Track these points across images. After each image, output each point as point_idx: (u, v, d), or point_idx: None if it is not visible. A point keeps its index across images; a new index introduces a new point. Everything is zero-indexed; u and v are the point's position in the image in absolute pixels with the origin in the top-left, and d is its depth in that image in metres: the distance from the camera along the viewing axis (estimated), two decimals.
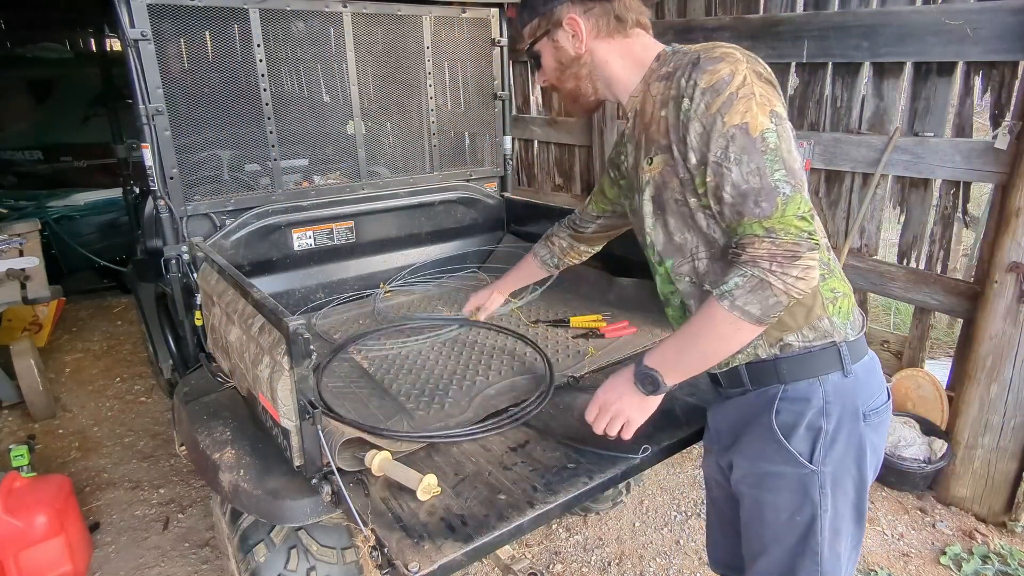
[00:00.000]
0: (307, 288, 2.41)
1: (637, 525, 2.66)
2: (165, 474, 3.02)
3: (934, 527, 2.62)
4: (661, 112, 1.20)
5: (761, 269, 1.05)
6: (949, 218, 2.74)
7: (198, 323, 1.96)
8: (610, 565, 2.45)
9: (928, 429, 2.80)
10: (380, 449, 1.36)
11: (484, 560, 2.32)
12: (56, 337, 4.59)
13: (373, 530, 1.19)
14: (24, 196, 5.15)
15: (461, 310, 2.09)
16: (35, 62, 6.02)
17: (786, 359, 1.20)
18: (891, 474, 2.73)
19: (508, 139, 2.89)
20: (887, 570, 2.39)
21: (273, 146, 2.28)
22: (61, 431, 3.44)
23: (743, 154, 1.07)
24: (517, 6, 1.39)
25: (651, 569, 2.43)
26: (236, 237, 2.19)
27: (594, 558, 2.48)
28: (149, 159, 1.98)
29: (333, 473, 1.26)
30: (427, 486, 1.26)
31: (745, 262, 1.07)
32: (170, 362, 2.69)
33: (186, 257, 2.01)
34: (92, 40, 6.30)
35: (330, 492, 1.30)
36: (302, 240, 2.37)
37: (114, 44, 5.34)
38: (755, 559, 1.31)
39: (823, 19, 2.85)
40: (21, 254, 3.54)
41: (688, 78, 1.13)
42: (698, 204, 1.18)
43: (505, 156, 2.89)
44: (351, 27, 2.34)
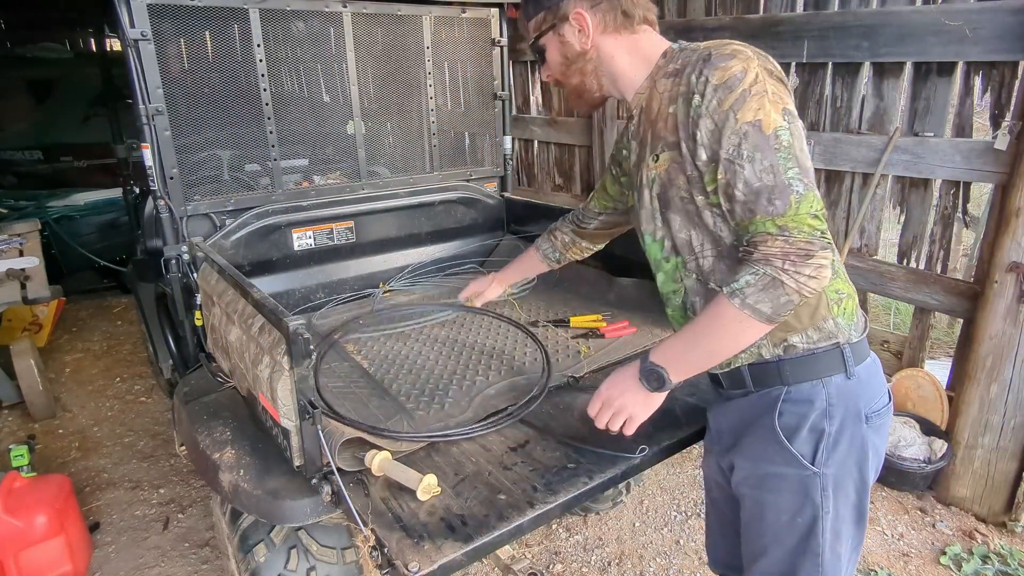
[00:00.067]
0: (307, 288, 2.41)
1: (637, 525, 2.66)
2: (165, 474, 3.02)
3: (934, 527, 2.62)
4: (669, 109, 1.19)
5: (774, 267, 1.04)
6: (949, 218, 2.74)
7: (198, 323, 1.96)
8: (610, 565, 2.45)
9: (928, 429, 2.80)
10: (380, 449, 1.36)
11: (484, 560, 2.32)
12: (56, 337, 4.59)
13: (373, 530, 1.19)
14: (24, 196, 5.15)
15: (458, 296, 2.09)
16: (35, 62, 6.02)
17: (789, 360, 1.20)
18: (891, 474, 2.73)
19: (508, 139, 2.89)
20: (887, 570, 2.39)
21: (273, 146, 2.28)
22: (61, 431, 3.44)
23: (756, 151, 1.06)
24: (523, 0, 1.38)
25: (651, 569, 2.43)
26: (236, 237, 2.19)
27: (594, 558, 2.48)
28: (149, 159, 1.98)
29: (333, 473, 1.26)
30: (427, 486, 1.26)
31: (757, 260, 1.06)
32: (170, 362, 2.69)
33: (186, 257, 2.01)
34: (92, 40, 6.30)
35: (330, 492, 1.30)
36: (302, 240, 2.37)
37: (114, 44, 5.33)
38: (755, 560, 1.31)
39: (823, 19, 2.85)
40: (21, 254, 3.54)
41: (699, 74, 1.12)
42: (705, 202, 1.17)
43: (505, 156, 2.89)
44: (351, 27, 2.34)
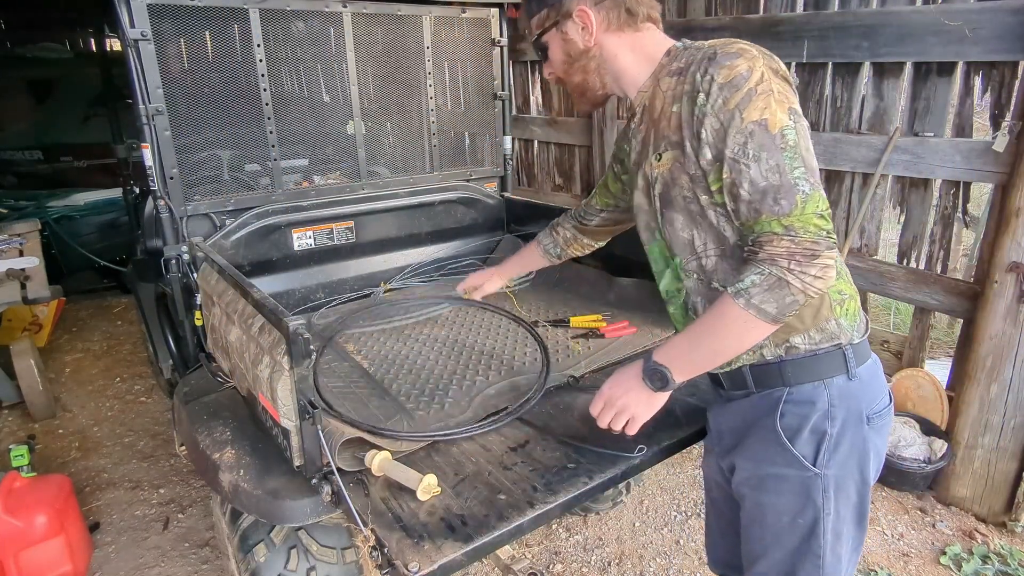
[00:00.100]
0: (307, 288, 2.41)
1: (637, 525, 2.66)
2: (165, 474, 3.02)
3: (934, 527, 2.62)
4: (672, 107, 1.18)
5: (779, 268, 1.04)
6: (949, 218, 2.74)
7: (198, 323, 1.96)
8: (610, 565, 2.45)
9: (928, 429, 2.80)
10: (380, 449, 1.36)
11: (484, 560, 2.32)
12: (56, 337, 4.59)
13: (373, 530, 1.19)
14: (24, 196, 5.15)
15: (457, 288, 2.09)
16: (35, 62, 6.02)
17: (791, 361, 1.19)
18: (891, 474, 2.73)
19: (508, 139, 2.89)
20: (887, 570, 2.39)
21: (273, 146, 2.28)
22: (61, 431, 3.44)
23: (762, 151, 1.06)
24: None
25: (651, 569, 2.43)
26: (236, 237, 2.19)
27: (594, 558, 2.48)
28: (149, 159, 1.98)
29: (333, 473, 1.26)
30: (427, 486, 1.26)
31: (763, 260, 1.06)
32: (170, 362, 2.69)
33: (186, 257, 2.01)
34: (92, 40, 6.30)
35: (330, 492, 1.30)
36: (302, 240, 2.37)
37: (114, 44, 5.34)
38: (755, 561, 1.31)
39: (823, 19, 2.85)
40: (21, 254, 3.54)
41: (704, 73, 1.11)
42: (709, 201, 1.17)
43: (505, 156, 2.89)
44: (351, 27, 2.34)
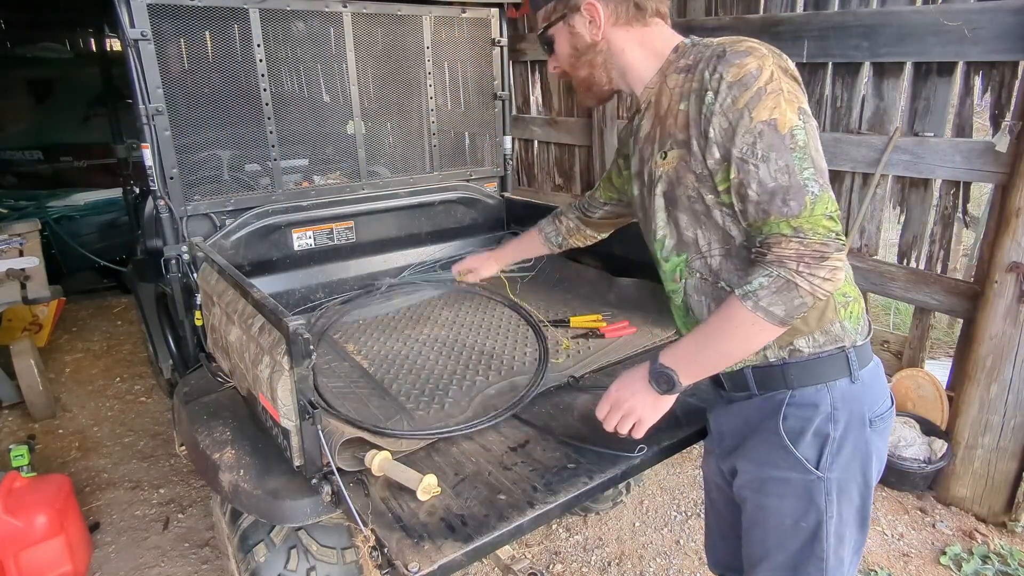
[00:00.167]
0: (307, 288, 2.41)
1: (637, 525, 2.66)
2: (165, 474, 3.02)
3: (934, 527, 2.62)
4: (680, 105, 1.17)
5: (788, 270, 1.03)
6: (949, 218, 2.74)
7: (198, 323, 1.96)
8: (610, 565, 2.45)
9: (928, 429, 2.80)
10: (380, 449, 1.36)
11: (484, 560, 2.32)
12: (56, 337, 4.59)
13: (373, 530, 1.19)
14: (24, 196, 5.15)
15: (451, 268, 2.08)
16: (35, 62, 6.02)
17: (794, 364, 1.19)
18: (891, 474, 2.73)
19: (508, 139, 2.89)
20: (887, 570, 2.39)
21: (273, 146, 2.28)
22: (61, 431, 3.44)
23: (771, 151, 1.05)
24: None
25: (651, 569, 2.43)
26: (236, 237, 2.19)
27: (594, 558, 2.48)
28: (149, 159, 1.98)
29: (333, 473, 1.26)
30: (427, 486, 1.26)
31: (771, 262, 1.05)
32: (170, 362, 2.69)
33: (186, 257, 2.01)
34: (92, 40, 6.29)
35: (330, 492, 1.30)
36: (302, 240, 2.37)
37: (114, 44, 5.34)
38: (757, 565, 1.30)
39: (823, 19, 2.85)
40: (21, 254, 3.54)
41: (713, 71, 1.10)
42: (715, 200, 1.15)
43: (505, 156, 2.89)
44: (351, 27, 2.34)
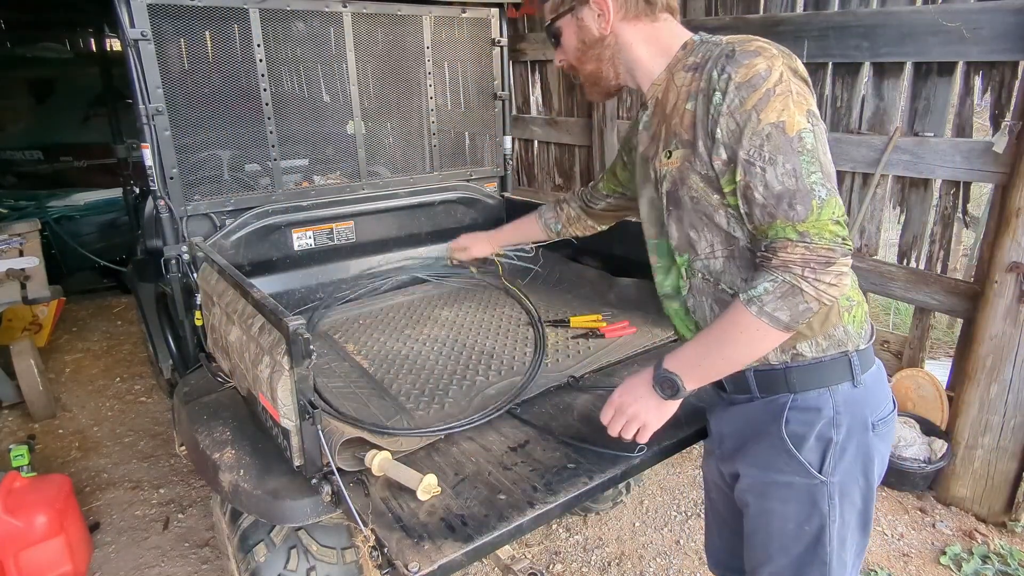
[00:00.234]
0: (307, 288, 2.41)
1: (637, 525, 2.66)
2: (165, 474, 3.02)
3: (934, 527, 2.62)
4: (687, 105, 1.15)
5: (793, 275, 1.02)
6: (949, 218, 2.73)
7: (198, 323, 1.96)
8: (610, 565, 2.45)
9: (928, 429, 2.80)
10: (380, 449, 1.36)
11: (484, 560, 2.32)
12: (56, 337, 4.59)
13: (373, 530, 1.19)
14: (24, 196, 5.15)
15: (447, 245, 2.09)
16: (35, 62, 6.02)
17: (796, 368, 1.18)
18: (891, 474, 2.73)
19: (508, 139, 2.89)
20: (887, 570, 2.39)
21: (273, 146, 2.28)
22: (61, 431, 3.44)
23: (778, 154, 1.03)
24: None
25: (651, 569, 2.43)
26: (236, 237, 2.19)
27: (594, 558, 2.48)
28: (149, 159, 1.98)
29: (333, 473, 1.26)
30: (427, 486, 1.26)
31: (776, 267, 1.04)
32: (170, 362, 2.69)
33: (186, 257, 2.01)
34: (92, 40, 6.30)
35: (330, 492, 1.30)
36: (302, 240, 2.37)
37: (114, 44, 5.34)
38: (759, 568, 1.30)
39: (823, 19, 2.85)
40: (21, 254, 3.54)
41: (721, 71, 1.08)
42: (720, 202, 1.14)
43: (505, 156, 2.89)
44: (351, 27, 2.34)
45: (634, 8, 1.23)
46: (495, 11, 2.70)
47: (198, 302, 1.91)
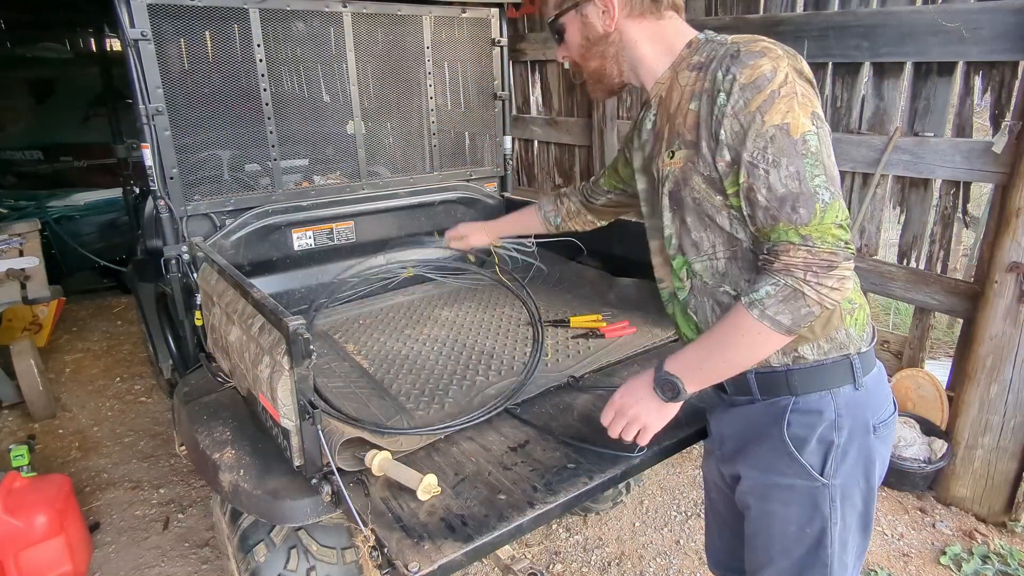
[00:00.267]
0: (307, 288, 2.41)
1: (637, 525, 2.66)
2: (165, 474, 3.02)
3: (934, 527, 2.62)
4: (690, 105, 1.14)
5: (795, 279, 1.01)
6: (949, 218, 2.74)
7: (198, 323, 1.96)
8: (610, 565, 2.45)
9: (928, 429, 2.80)
10: (380, 449, 1.36)
11: (484, 560, 2.32)
12: (56, 337, 4.59)
13: (373, 530, 1.19)
14: (24, 196, 5.15)
15: (443, 234, 2.08)
16: (35, 62, 6.02)
17: (798, 370, 1.17)
18: (891, 474, 2.72)
19: (508, 139, 2.89)
20: (887, 570, 2.39)
21: (273, 146, 2.28)
22: (61, 431, 3.44)
23: (782, 156, 1.02)
24: None
25: (651, 569, 2.43)
26: (236, 237, 2.19)
27: (594, 558, 2.48)
28: (149, 159, 1.98)
29: (333, 473, 1.26)
30: (427, 486, 1.26)
31: (778, 270, 1.03)
32: (170, 362, 2.69)
33: (186, 257, 2.01)
34: (92, 40, 6.30)
35: (330, 492, 1.30)
36: (302, 240, 2.37)
37: (114, 44, 5.34)
38: (760, 570, 1.30)
39: (823, 19, 2.85)
40: (21, 254, 3.54)
41: (726, 72, 1.07)
42: (722, 203, 1.13)
43: (505, 156, 2.89)
44: (351, 27, 2.34)
45: (639, 5, 1.22)
46: (495, 11, 2.70)
47: (198, 302, 1.91)
